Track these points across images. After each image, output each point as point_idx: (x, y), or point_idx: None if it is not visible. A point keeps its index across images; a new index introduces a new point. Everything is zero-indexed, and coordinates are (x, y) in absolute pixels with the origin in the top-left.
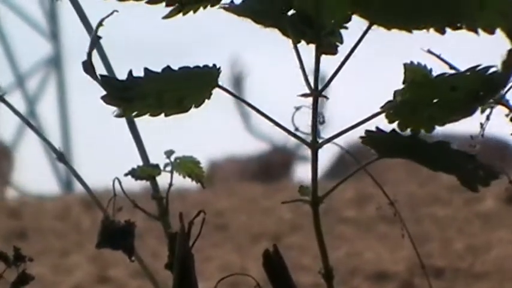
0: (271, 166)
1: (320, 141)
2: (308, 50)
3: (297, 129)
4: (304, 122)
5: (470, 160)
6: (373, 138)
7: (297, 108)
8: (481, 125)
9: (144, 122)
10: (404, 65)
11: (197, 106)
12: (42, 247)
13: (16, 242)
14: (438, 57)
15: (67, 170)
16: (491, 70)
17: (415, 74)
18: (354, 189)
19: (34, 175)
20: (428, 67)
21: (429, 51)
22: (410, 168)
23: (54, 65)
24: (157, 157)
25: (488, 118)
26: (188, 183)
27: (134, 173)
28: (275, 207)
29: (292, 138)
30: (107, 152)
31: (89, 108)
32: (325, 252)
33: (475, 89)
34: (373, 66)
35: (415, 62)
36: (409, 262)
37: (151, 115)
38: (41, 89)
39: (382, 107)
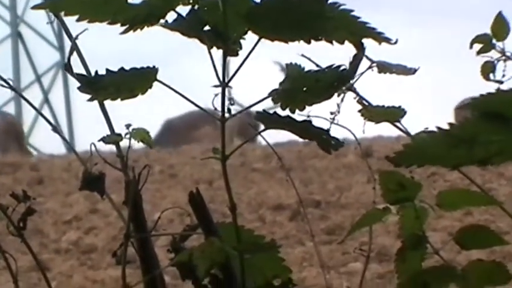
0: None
1: (227, 116)
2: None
3: (215, 108)
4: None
5: (325, 132)
6: (262, 116)
7: (216, 95)
8: (338, 105)
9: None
10: (286, 64)
11: (143, 93)
12: (53, 189)
13: (36, 187)
14: (309, 59)
15: (70, 136)
16: (342, 68)
17: (293, 70)
18: (261, 149)
19: (48, 142)
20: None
21: (303, 55)
22: None
23: (61, 68)
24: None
25: (342, 100)
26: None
27: (104, 139)
28: (209, 161)
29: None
30: (95, 125)
31: (84, 96)
32: (230, 193)
33: (332, 81)
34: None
35: (294, 62)
36: (298, 198)
37: (112, 99)
38: (52, 83)
39: (269, 94)
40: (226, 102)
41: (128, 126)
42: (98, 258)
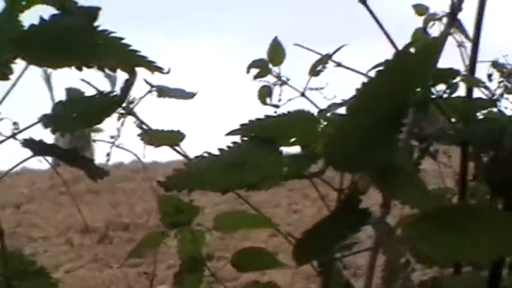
0: None
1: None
2: None
3: None
4: None
5: (89, 161)
6: (29, 143)
7: None
8: (118, 130)
9: None
10: (66, 89)
11: None
12: None
13: None
14: (89, 84)
15: None
16: (114, 94)
17: (72, 94)
18: (70, 172)
19: None
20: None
21: (82, 80)
22: None
23: None
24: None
25: (122, 124)
26: None
27: None
28: (17, 184)
29: None
30: None
31: None
32: None
33: (103, 106)
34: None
35: (73, 87)
36: (106, 221)
37: None
38: None
39: (39, 118)
40: (12, 127)
41: None
42: None
